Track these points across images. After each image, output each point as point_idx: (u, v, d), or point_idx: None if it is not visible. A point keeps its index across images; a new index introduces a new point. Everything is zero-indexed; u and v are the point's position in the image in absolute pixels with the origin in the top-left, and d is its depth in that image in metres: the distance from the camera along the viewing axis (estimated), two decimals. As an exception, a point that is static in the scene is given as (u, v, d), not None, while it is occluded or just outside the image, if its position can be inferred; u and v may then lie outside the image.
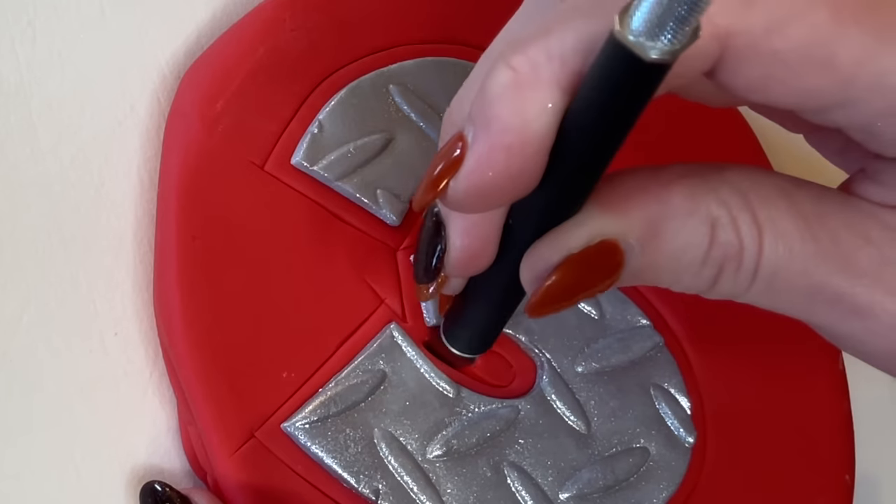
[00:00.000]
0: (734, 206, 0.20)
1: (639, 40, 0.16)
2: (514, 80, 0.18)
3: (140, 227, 0.29)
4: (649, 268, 0.20)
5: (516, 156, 0.19)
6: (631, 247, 0.20)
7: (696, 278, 0.21)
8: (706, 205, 0.20)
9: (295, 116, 0.29)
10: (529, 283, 0.21)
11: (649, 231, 0.20)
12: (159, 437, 0.28)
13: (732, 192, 0.20)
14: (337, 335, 0.28)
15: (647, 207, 0.20)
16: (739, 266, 0.20)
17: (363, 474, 0.27)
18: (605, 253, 0.20)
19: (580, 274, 0.20)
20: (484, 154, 0.19)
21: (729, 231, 0.20)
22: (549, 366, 0.29)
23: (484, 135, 0.19)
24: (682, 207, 0.20)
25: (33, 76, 0.28)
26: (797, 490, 0.31)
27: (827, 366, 0.33)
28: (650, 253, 0.20)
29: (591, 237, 0.20)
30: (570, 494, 0.28)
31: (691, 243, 0.20)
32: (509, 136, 0.18)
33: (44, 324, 0.27)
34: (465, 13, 0.32)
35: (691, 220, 0.20)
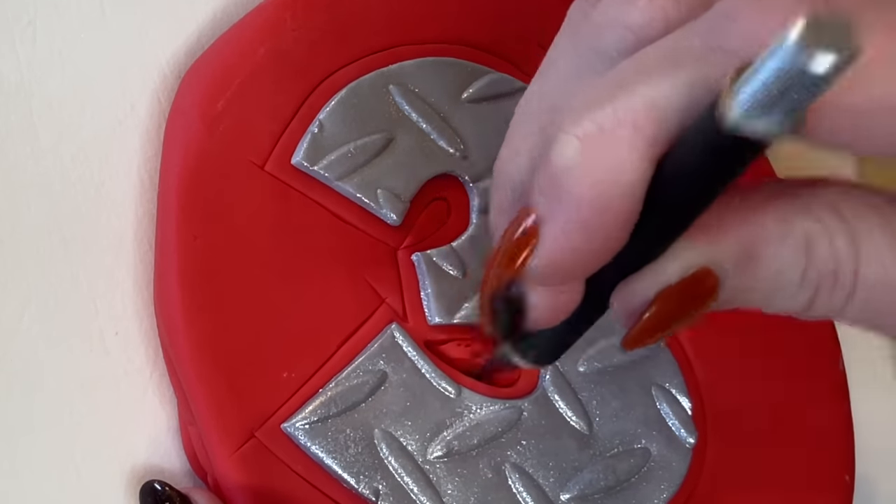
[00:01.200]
0: (829, 223, 0.19)
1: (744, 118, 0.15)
2: (583, 151, 0.17)
3: (140, 227, 0.29)
4: (744, 292, 0.20)
5: (595, 231, 0.18)
6: (726, 272, 0.19)
7: (792, 300, 0.20)
8: (800, 224, 0.19)
9: (295, 116, 0.29)
10: (623, 318, 0.21)
11: (744, 256, 0.19)
12: (159, 437, 0.28)
13: (825, 208, 0.19)
14: (337, 335, 0.28)
15: (740, 233, 0.19)
16: (835, 284, 0.20)
17: (363, 475, 0.27)
18: (700, 282, 0.19)
19: (676, 305, 0.20)
20: (560, 233, 0.18)
21: (825, 250, 0.19)
22: (551, 366, 0.29)
23: (557, 212, 0.18)
24: (777, 230, 0.19)
25: (34, 75, 0.28)
26: (797, 490, 0.31)
27: (827, 366, 0.33)
28: (746, 277, 0.20)
29: (686, 269, 0.19)
30: (571, 495, 0.28)
31: (788, 265, 0.19)
32: (584, 211, 0.18)
33: (44, 324, 0.27)
34: (465, 13, 0.32)
35: (787, 242, 0.19)
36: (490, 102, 0.31)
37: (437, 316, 0.29)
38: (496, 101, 0.31)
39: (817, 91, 0.15)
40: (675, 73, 0.17)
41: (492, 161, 0.30)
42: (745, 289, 0.20)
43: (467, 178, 0.30)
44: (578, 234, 0.18)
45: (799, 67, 0.14)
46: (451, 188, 0.30)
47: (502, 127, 0.31)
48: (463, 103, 0.31)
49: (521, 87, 0.31)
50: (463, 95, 0.31)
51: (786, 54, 0.14)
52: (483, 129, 0.31)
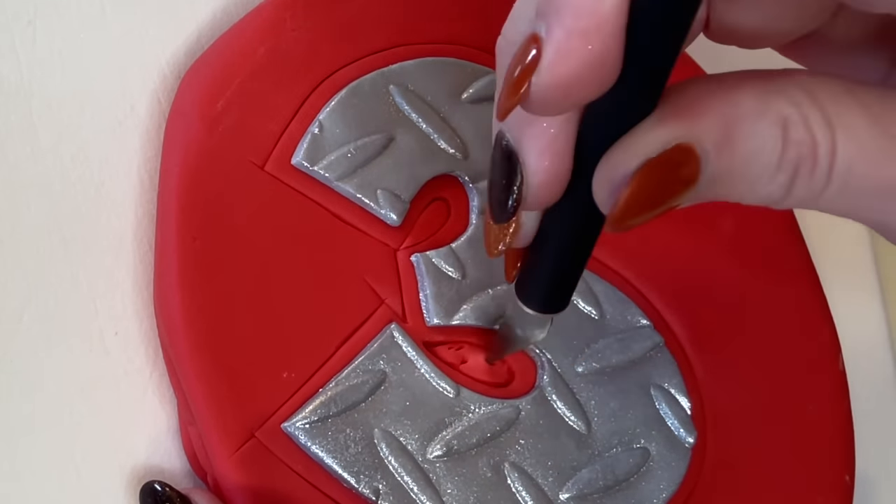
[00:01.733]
0: (804, 105, 0.20)
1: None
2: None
3: (140, 227, 0.29)
4: (724, 175, 0.20)
5: (595, 39, 0.18)
6: (706, 152, 0.20)
7: (771, 184, 0.20)
8: (776, 104, 0.20)
9: (295, 116, 0.29)
10: (606, 196, 0.21)
11: (723, 134, 0.20)
12: (159, 437, 0.28)
13: (801, 91, 0.20)
14: (337, 335, 0.28)
15: (718, 110, 0.20)
16: (814, 166, 0.20)
17: (363, 474, 0.27)
18: (682, 158, 0.20)
19: (659, 180, 0.20)
20: (563, 42, 0.18)
21: (801, 129, 0.20)
22: (549, 366, 0.29)
23: (558, 24, 0.18)
24: (753, 108, 0.20)
25: (34, 76, 0.28)
26: (797, 490, 0.31)
27: (827, 366, 0.33)
28: (725, 158, 0.20)
29: (666, 140, 0.20)
30: (570, 495, 0.28)
31: (765, 145, 0.20)
32: (584, 19, 0.18)
33: (44, 324, 0.27)
34: (465, 14, 0.32)
35: (763, 121, 0.20)
36: (490, 102, 0.31)
37: (436, 317, 0.29)
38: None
39: None
40: None
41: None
42: (726, 171, 0.20)
43: (467, 179, 0.30)
44: (579, 45, 0.18)
45: None
46: (451, 188, 0.30)
47: (502, 127, 0.31)
48: (463, 103, 0.31)
49: (520, 87, 0.31)
50: (463, 95, 0.31)
51: None
52: (483, 129, 0.31)
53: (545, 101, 0.19)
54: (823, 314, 0.34)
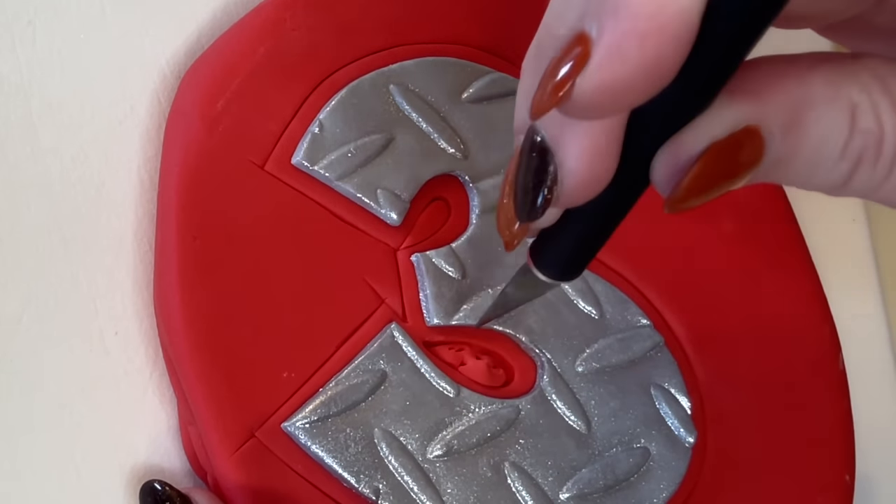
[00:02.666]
0: (875, 93, 0.19)
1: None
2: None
3: (140, 227, 0.29)
4: (787, 159, 0.20)
5: (652, 43, 0.17)
6: (772, 134, 0.19)
7: (833, 171, 0.20)
8: (847, 90, 0.19)
9: (295, 116, 0.29)
10: (667, 178, 0.20)
11: (791, 117, 0.19)
12: (159, 437, 0.28)
13: (873, 78, 0.19)
14: (337, 335, 0.28)
15: (788, 93, 0.19)
16: (879, 155, 0.19)
17: (363, 474, 0.27)
18: (747, 140, 0.19)
19: (723, 163, 0.19)
20: (615, 44, 0.17)
21: (870, 117, 0.19)
22: (549, 366, 0.29)
23: (612, 23, 0.17)
24: (824, 93, 0.19)
25: (34, 76, 0.28)
26: (797, 490, 0.31)
27: (827, 366, 0.33)
28: (791, 141, 0.19)
29: (735, 123, 0.19)
30: (570, 494, 0.28)
31: (832, 130, 0.19)
32: (642, 22, 0.16)
33: (44, 324, 0.27)
34: (465, 14, 0.32)
35: (833, 107, 0.19)
36: (490, 102, 0.31)
37: (436, 317, 0.29)
38: (496, 101, 0.31)
39: None
40: None
41: (492, 161, 0.30)
42: (790, 154, 0.20)
43: (467, 178, 0.30)
44: (633, 50, 0.17)
45: None
46: (451, 188, 0.30)
47: (502, 127, 0.31)
48: (463, 103, 0.31)
49: (520, 86, 0.31)
50: (463, 95, 0.31)
51: None
52: (483, 129, 0.31)
53: (589, 106, 0.18)
54: (823, 314, 0.34)
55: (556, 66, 0.18)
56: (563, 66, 0.18)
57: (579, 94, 0.18)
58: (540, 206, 0.21)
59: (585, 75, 0.17)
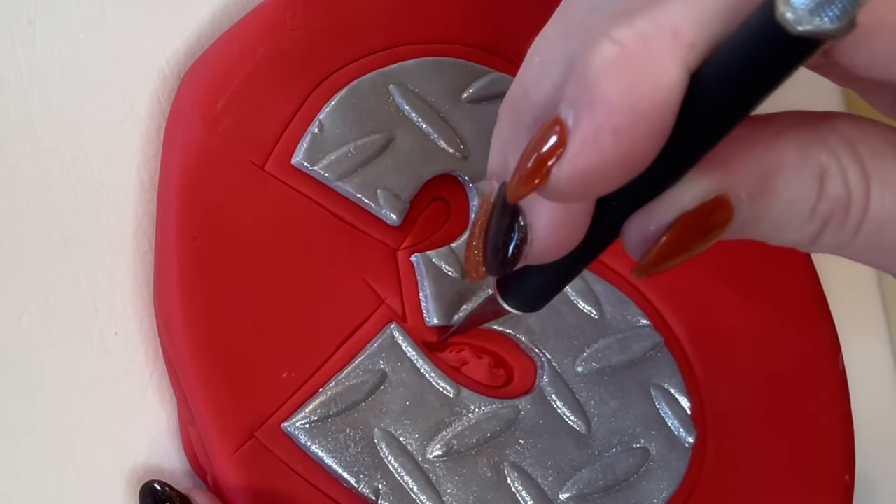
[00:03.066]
0: (844, 157, 0.19)
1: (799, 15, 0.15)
2: (621, 55, 0.17)
3: (140, 227, 0.29)
4: (755, 221, 0.20)
5: (627, 138, 0.17)
6: (741, 200, 0.19)
7: (800, 231, 0.20)
8: (816, 155, 0.19)
9: (295, 116, 0.29)
10: (637, 245, 0.20)
11: (760, 184, 0.19)
12: (159, 437, 0.28)
13: (842, 142, 0.19)
14: (337, 335, 0.28)
15: (757, 160, 0.19)
16: (845, 219, 0.20)
17: (363, 474, 0.27)
18: (716, 208, 0.19)
19: (692, 231, 0.20)
20: (590, 138, 0.17)
21: (838, 183, 0.19)
22: (549, 366, 0.29)
23: (588, 117, 0.17)
24: (793, 159, 0.19)
25: (33, 76, 0.28)
26: (797, 490, 0.31)
27: (827, 366, 0.33)
28: (759, 206, 0.20)
29: (705, 194, 0.19)
30: (570, 495, 0.28)
31: (800, 195, 0.19)
32: (618, 116, 0.17)
33: (44, 324, 0.27)
34: (465, 13, 0.32)
35: (802, 172, 0.19)
36: (490, 102, 0.31)
37: (436, 317, 0.29)
38: (496, 101, 0.31)
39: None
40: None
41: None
42: (757, 218, 0.20)
43: (467, 179, 0.30)
44: (608, 143, 0.17)
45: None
46: (451, 188, 0.30)
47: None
48: (463, 103, 0.31)
49: (520, 86, 0.31)
50: (463, 95, 0.31)
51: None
52: (483, 129, 0.31)
53: (564, 193, 0.19)
54: (823, 314, 0.34)
55: (531, 152, 0.18)
56: (539, 151, 0.18)
57: (555, 182, 0.18)
58: (509, 263, 0.21)
59: (561, 165, 0.18)
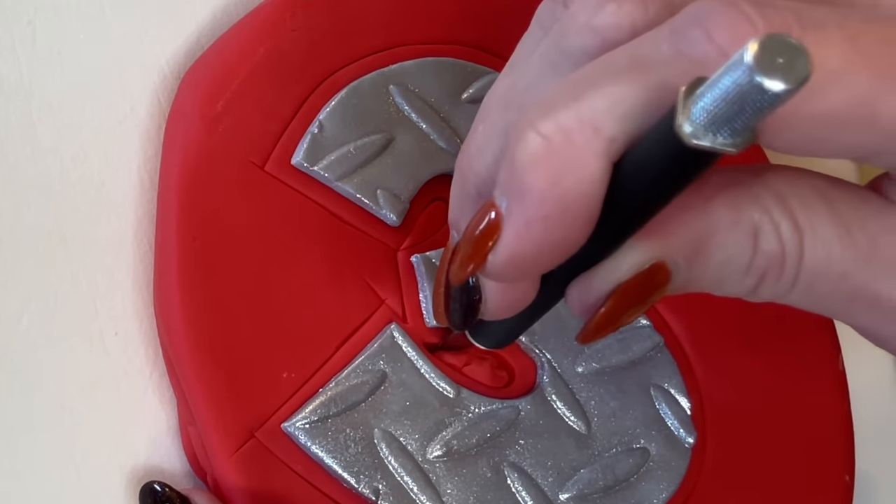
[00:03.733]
0: (776, 213, 0.20)
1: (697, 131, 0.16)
2: (546, 148, 0.18)
3: (140, 227, 0.29)
4: (693, 281, 0.20)
5: (555, 226, 0.18)
6: (678, 265, 0.20)
7: (738, 285, 0.21)
8: (749, 213, 0.20)
9: (295, 116, 0.29)
10: (580, 312, 0.21)
11: (695, 248, 0.20)
12: (159, 437, 0.28)
13: (774, 198, 0.20)
14: (337, 335, 0.28)
15: (692, 226, 0.20)
16: (781, 273, 0.20)
17: (363, 474, 0.27)
18: (653, 276, 0.20)
19: (629, 298, 0.20)
20: (522, 227, 0.18)
21: (772, 239, 0.20)
22: (549, 366, 0.29)
23: (519, 207, 0.18)
24: (726, 220, 0.20)
25: (33, 76, 0.28)
26: (797, 490, 0.31)
27: (827, 366, 0.33)
28: (696, 268, 0.20)
29: (640, 264, 0.20)
30: (570, 495, 0.28)
31: (735, 255, 0.20)
32: (546, 207, 0.18)
33: (44, 324, 0.27)
34: (464, 13, 0.32)
35: (735, 232, 0.20)
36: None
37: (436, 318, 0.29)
38: (496, 101, 0.31)
39: (770, 109, 0.15)
40: (637, 76, 0.18)
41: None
42: (695, 279, 0.20)
43: (467, 178, 0.30)
44: (538, 231, 0.18)
45: (752, 86, 0.14)
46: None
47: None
48: (463, 103, 0.31)
49: (520, 86, 0.31)
50: (463, 95, 0.31)
51: (740, 73, 0.15)
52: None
53: (500, 275, 0.20)
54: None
55: (469, 236, 0.20)
56: (474, 237, 0.19)
57: (491, 267, 0.19)
58: (468, 320, 0.23)
59: (496, 252, 0.19)
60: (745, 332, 0.32)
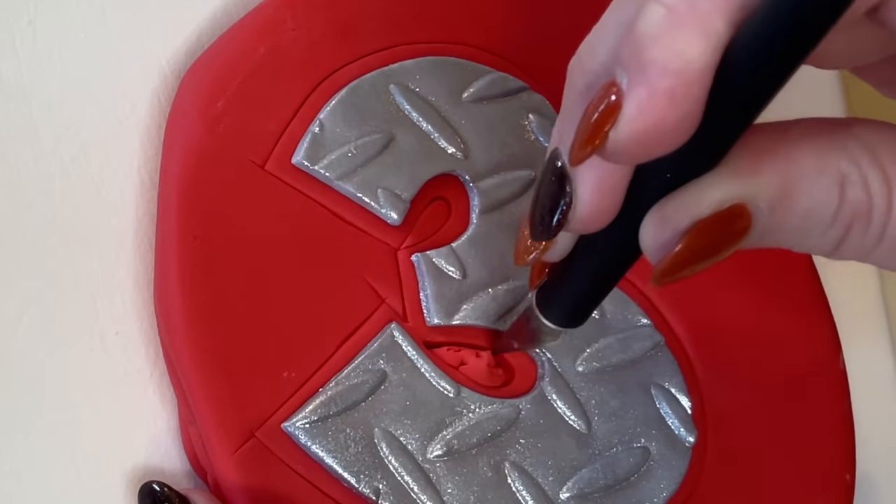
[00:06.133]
0: (864, 163, 0.19)
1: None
2: (669, 17, 0.17)
3: (140, 227, 0.29)
4: (776, 230, 0.20)
5: (680, 99, 0.18)
6: (759, 209, 0.19)
7: (823, 238, 0.20)
8: (836, 162, 0.19)
9: (296, 116, 0.29)
10: (654, 249, 0.20)
11: (779, 193, 0.19)
12: (159, 437, 0.28)
13: (862, 148, 0.19)
14: (337, 335, 0.28)
15: (776, 168, 0.19)
16: (868, 225, 0.20)
17: (363, 474, 0.27)
18: (734, 218, 0.19)
19: (708, 239, 0.20)
20: (645, 100, 0.18)
21: (858, 189, 0.19)
22: (549, 365, 0.29)
23: (642, 80, 0.18)
24: (812, 166, 0.19)
25: (34, 76, 0.28)
26: (797, 490, 0.31)
27: (827, 366, 0.33)
28: (778, 215, 0.20)
29: (721, 201, 0.19)
30: (570, 494, 0.28)
31: (821, 203, 0.19)
32: (670, 79, 0.17)
33: (44, 324, 0.27)
34: (465, 13, 0.32)
35: (821, 180, 0.19)
36: (490, 102, 0.31)
37: (436, 317, 0.29)
38: (496, 101, 0.31)
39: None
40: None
41: (492, 161, 0.30)
42: (777, 227, 0.20)
43: (468, 178, 0.30)
44: (663, 103, 0.18)
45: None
46: (452, 188, 0.30)
47: (502, 127, 0.31)
48: (463, 103, 0.31)
49: (521, 86, 0.31)
50: (463, 95, 0.31)
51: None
52: (483, 129, 0.31)
53: (622, 154, 0.19)
54: (823, 314, 0.34)
55: (589, 116, 0.19)
56: (595, 115, 0.19)
57: (612, 144, 0.19)
58: (553, 228, 0.22)
59: (618, 128, 0.18)
60: (746, 332, 0.32)
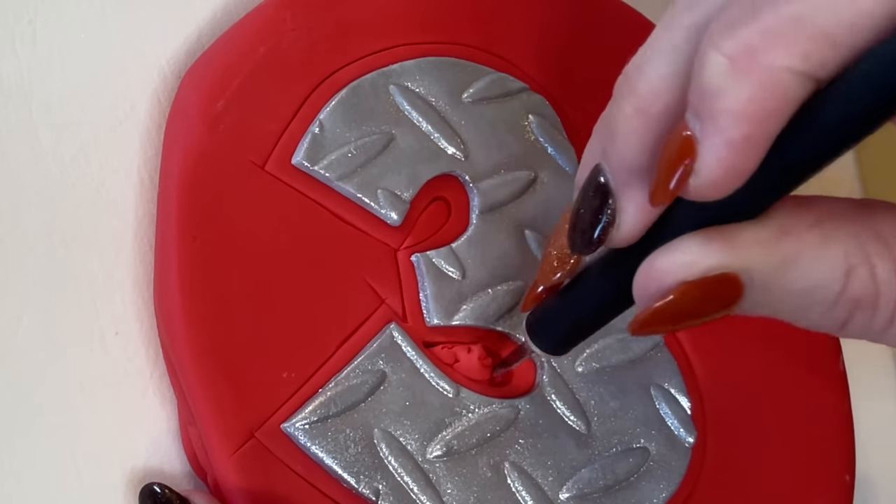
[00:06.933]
0: (872, 249, 0.19)
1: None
2: (732, 70, 0.17)
3: (140, 227, 0.29)
4: (770, 303, 0.20)
5: (753, 146, 0.18)
6: (752, 282, 0.19)
7: (824, 318, 0.20)
8: (842, 247, 0.19)
9: (295, 116, 0.29)
10: (638, 297, 0.20)
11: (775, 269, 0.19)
12: (159, 438, 0.28)
13: (869, 232, 0.19)
14: (337, 335, 0.28)
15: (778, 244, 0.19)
16: (875, 310, 0.19)
17: (363, 474, 0.27)
18: (724, 286, 0.19)
19: (694, 302, 0.19)
20: (721, 149, 0.18)
21: (865, 276, 0.19)
22: (548, 365, 0.29)
23: (713, 130, 0.18)
24: (815, 247, 0.19)
25: (33, 76, 0.28)
26: (797, 490, 0.31)
27: (827, 366, 0.33)
28: (775, 291, 0.19)
29: (713, 268, 0.19)
30: (570, 494, 0.28)
31: (821, 284, 0.19)
32: (742, 127, 0.17)
33: (44, 324, 0.27)
34: (465, 13, 0.32)
35: (823, 263, 0.19)
36: (490, 102, 0.31)
37: (436, 317, 0.29)
38: (496, 101, 0.31)
39: None
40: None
41: (492, 161, 0.30)
42: (772, 301, 0.20)
43: (467, 178, 0.30)
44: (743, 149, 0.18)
45: None
46: (452, 188, 0.30)
47: (502, 127, 0.31)
48: (463, 103, 0.31)
49: (521, 87, 0.31)
50: (463, 95, 0.31)
51: None
52: (483, 129, 0.31)
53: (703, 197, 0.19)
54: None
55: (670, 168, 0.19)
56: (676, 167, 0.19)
57: (695, 190, 0.19)
58: (596, 241, 0.21)
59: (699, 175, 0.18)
60: (746, 332, 0.32)
